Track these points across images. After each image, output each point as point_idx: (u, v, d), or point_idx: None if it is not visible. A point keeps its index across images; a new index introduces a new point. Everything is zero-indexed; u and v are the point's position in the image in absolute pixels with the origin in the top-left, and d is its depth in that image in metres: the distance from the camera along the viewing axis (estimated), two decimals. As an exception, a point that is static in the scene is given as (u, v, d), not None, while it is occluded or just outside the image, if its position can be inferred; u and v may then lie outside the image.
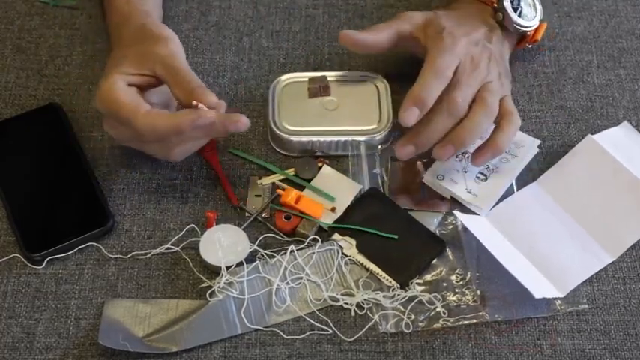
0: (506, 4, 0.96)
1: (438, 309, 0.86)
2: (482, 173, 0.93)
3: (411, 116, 0.88)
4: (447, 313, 0.86)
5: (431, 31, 0.93)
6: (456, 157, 0.93)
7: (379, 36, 0.95)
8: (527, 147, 0.94)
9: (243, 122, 0.85)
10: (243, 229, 0.89)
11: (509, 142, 0.90)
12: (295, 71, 1.01)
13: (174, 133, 0.85)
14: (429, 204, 0.92)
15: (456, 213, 0.90)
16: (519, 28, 0.97)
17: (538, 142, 0.95)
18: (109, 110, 0.87)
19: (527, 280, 0.84)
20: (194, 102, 0.85)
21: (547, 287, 0.86)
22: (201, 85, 0.86)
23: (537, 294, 0.83)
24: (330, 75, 0.99)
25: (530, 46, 1.01)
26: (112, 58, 0.90)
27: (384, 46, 0.95)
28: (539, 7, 0.98)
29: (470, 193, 0.91)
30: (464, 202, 0.91)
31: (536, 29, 0.98)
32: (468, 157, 0.93)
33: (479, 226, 0.89)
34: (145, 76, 0.88)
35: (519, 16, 0.96)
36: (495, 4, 0.96)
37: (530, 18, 0.98)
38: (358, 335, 0.85)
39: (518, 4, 0.97)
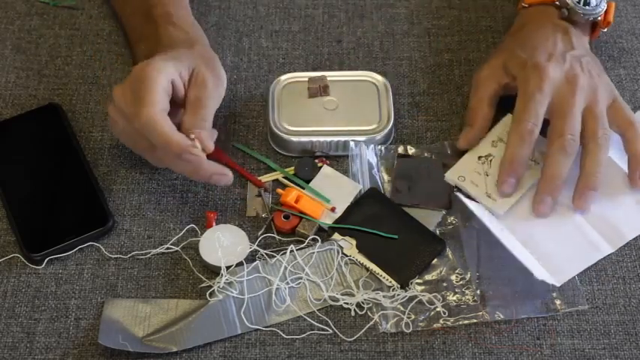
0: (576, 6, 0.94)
1: (438, 309, 0.86)
2: None
3: (509, 189, 0.90)
4: (447, 313, 0.86)
5: (514, 67, 0.93)
6: (479, 158, 0.93)
7: (486, 119, 0.94)
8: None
9: (228, 178, 0.87)
10: (244, 231, 0.89)
11: None
12: (295, 71, 1.01)
13: (163, 146, 0.84)
14: (432, 201, 0.92)
15: (459, 195, 0.90)
16: (589, 16, 0.94)
17: None
18: (136, 85, 0.85)
19: (530, 263, 0.84)
20: (192, 135, 0.85)
21: (545, 276, 0.87)
22: (212, 129, 0.87)
23: (538, 275, 0.83)
24: (330, 75, 0.99)
25: (605, 29, 0.99)
26: (172, 52, 0.89)
27: (491, 117, 0.95)
28: None
29: (489, 197, 0.91)
30: (483, 206, 0.91)
31: (606, 11, 0.96)
32: (490, 161, 0.93)
33: (482, 211, 0.89)
34: (176, 87, 0.87)
35: (584, 5, 0.94)
36: (557, 1, 0.94)
37: (596, 2, 0.95)
38: (358, 335, 0.85)
39: None
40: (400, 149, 0.96)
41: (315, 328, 0.85)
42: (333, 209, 0.91)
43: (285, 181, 0.93)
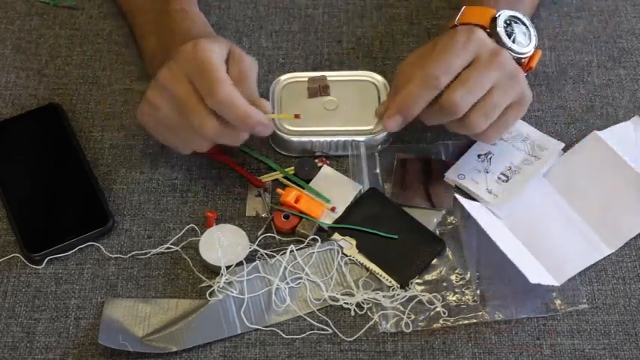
0: (500, 29, 0.91)
1: (437, 309, 0.86)
2: (504, 174, 0.93)
3: (394, 125, 0.89)
4: (446, 313, 0.86)
5: (444, 36, 0.90)
6: (478, 157, 0.93)
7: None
8: (551, 149, 0.94)
9: (269, 127, 0.88)
10: (244, 230, 0.89)
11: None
12: (295, 71, 1.01)
13: (243, 119, 0.84)
14: (433, 200, 0.92)
15: (458, 196, 0.90)
16: (514, 54, 0.90)
17: (562, 144, 0.95)
18: (197, 67, 0.85)
19: (524, 266, 0.84)
20: (253, 97, 0.87)
21: (544, 275, 0.87)
22: (265, 102, 0.88)
23: (533, 279, 0.83)
24: (330, 75, 0.99)
25: (525, 74, 0.92)
26: (186, 38, 0.89)
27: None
28: (534, 34, 0.92)
29: (490, 193, 0.91)
30: (484, 203, 0.91)
31: (531, 57, 0.92)
32: (490, 158, 0.93)
33: (479, 212, 0.89)
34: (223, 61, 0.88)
35: (512, 41, 0.91)
36: (488, 30, 0.91)
37: (524, 45, 0.91)
38: (358, 335, 0.85)
39: (512, 31, 0.91)
40: (400, 149, 0.96)
41: (315, 328, 0.85)
42: (333, 209, 0.91)
43: (285, 181, 0.93)
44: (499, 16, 0.91)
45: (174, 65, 0.86)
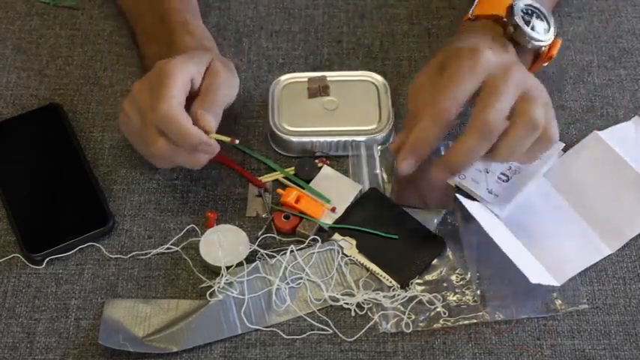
0: (517, 18, 0.88)
1: (438, 309, 0.86)
2: (504, 174, 0.92)
3: (407, 169, 0.86)
4: (447, 313, 0.86)
5: (450, 58, 0.85)
6: None
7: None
8: (551, 149, 0.94)
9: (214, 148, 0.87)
10: (244, 231, 0.89)
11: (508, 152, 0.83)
12: (295, 71, 1.01)
13: (180, 138, 0.84)
14: (433, 200, 0.92)
15: (459, 196, 0.90)
16: (533, 42, 0.89)
17: (562, 144, 0.94)
18: (152, 80, 0.86)
19: (525, 266, 0.84)
20: (200, 112, 0.86)
21: (544, 275, 0.87)
22: (218, 117, 0.88)
23: (533, 279, 0.83)
24: (330, 75, 0.99)
25: (546, 64, 0.93)
26: (184, 51, 0.90)
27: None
28: (552, 22, 0.90)
29: (491, 193, 0.91)
30: (484, 203, 0.91)
31: (551, 45, 0.91)
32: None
33: (480, 212, 0.89)
34: (195, 85, 0.88)
35: (532, 29, 0.89)
36: (505, 19, 0.89)
37: (543, 33, 0.90)
38: (358, 335, 0.85)
39: (530, 18, 0.89)
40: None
41: (315, 328, 0.85)
42: (333, 209, 0.91)
43: (286, 182, 0.93)
44: (515, 4, 0.89)
45: (146, 78, 0.87)
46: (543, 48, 0.91)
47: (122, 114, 0.89)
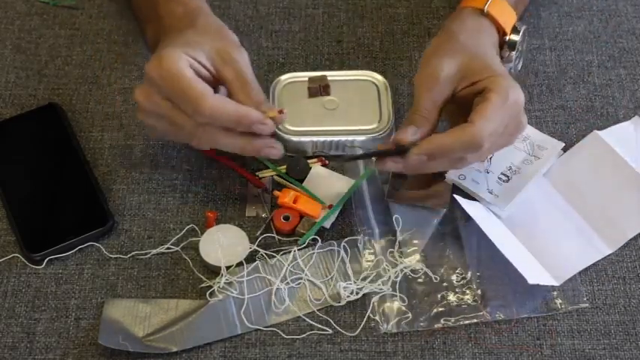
0: (520, 45, 0.92)
1: (438, 309, 0.86)
2: (504, 174, 0.93)
3: (418, 164, 0.85)
4: (447, 313, 0.86)
5: (478, 72, 0.86)
6: None
7: (431, 122, 0.87)
8: (551, 149, 0.94)
9: (277, 151, 0.86)
10: (244, 230, 0.89)
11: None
12: (295, 71, 1.01)
13: (237, 123, 0.83)
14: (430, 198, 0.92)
15: (457, 197, 0.90)
16: (508, 64, 0.93)
17: (562, 144, 0.95)
18: (171, 88, 0.84)
19: (523, 267, 0.84)
20: (282, 111, 0.86)
21: (543, 275, 0.87)
22: (266, 100, 0.87)
23: (532, 280, 0.83)
24: (330, 75, 0.99)
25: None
26: (179, 38, 0.87)
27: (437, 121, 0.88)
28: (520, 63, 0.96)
29: (491, 193, 0.91)
30: (485, 203, 0.91)
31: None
32: (490, 158, 0.92)
33: (478, 212, 0.89)
34: (207, 70, 0.86)
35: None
36: (509, 38, 0.92)
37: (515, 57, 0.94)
38: (358, 335, 0.85)
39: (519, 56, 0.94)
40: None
41: (315, 328, 0.85)
42: (330, 207, 0.91)
43: (283, 182, 0.93)
44: (520, 28, 0.93)
45: (146, 86, 0.86)
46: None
47: (146, 127, 0.89)
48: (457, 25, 0.91)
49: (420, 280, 0.88)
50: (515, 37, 0.92)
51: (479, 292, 0.87)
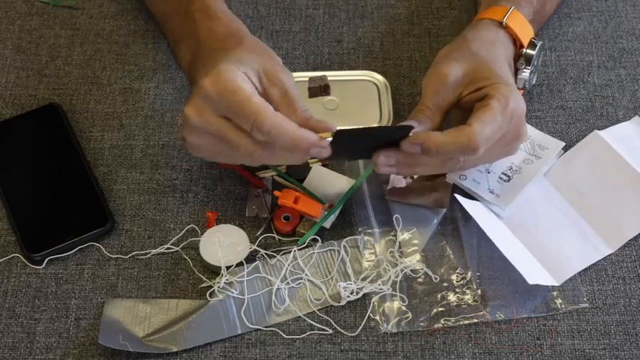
0: (529, 67, 0.93)
1: (438, 309, 0.86)
2: (505, 174, 0.93)
3: (412, 150, 0.84)
4: (447, 313, 0.86)
5: (485, 78, 0.86)
6: None
7: (434, 121, 0.87)
8: (552, 149, 0.94)
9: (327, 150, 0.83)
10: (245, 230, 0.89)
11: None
12: (295, 71, 1.00)
13: (294, 144, 0.81)
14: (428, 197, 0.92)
15: (457, 196, 0.90)
16: (524, 81, 0.93)
17: (562, 144, 0.95)
18: (230, 103, 0.81)
19: (523, 267, 0.84)
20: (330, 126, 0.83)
21: (543, 275, 0.87)
22: (316, 118, 0.84)
23: (531, 280, 0.83)
24: (330, 75, 0.99)
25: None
26: (230, 55, 0.85)
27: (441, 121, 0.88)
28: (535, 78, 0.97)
29: (492, 193, 0.91)
30: (486, 203, 0.91)
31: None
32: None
33: (479, 212, 0.89)
34: (256, 88, 0.84)
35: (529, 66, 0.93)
36: (525, 51, 0.92)
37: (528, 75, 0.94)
38: (358, 335, 0.85)
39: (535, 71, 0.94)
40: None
41: (315, 328, 0.85)
42: (330, 207, 0.91)
43: (283, 182, 0.93)
44: (537, 43, 0.93)
45: (200, 103, 0.83)
46: (525, 88, 0.95)
47: (188, 145, 0.86)
48: (471, 34, 0.92)
49: (420, 280, 0.88)
50: (531, 52, 0.93)
51: (479, 292, 0.87)
